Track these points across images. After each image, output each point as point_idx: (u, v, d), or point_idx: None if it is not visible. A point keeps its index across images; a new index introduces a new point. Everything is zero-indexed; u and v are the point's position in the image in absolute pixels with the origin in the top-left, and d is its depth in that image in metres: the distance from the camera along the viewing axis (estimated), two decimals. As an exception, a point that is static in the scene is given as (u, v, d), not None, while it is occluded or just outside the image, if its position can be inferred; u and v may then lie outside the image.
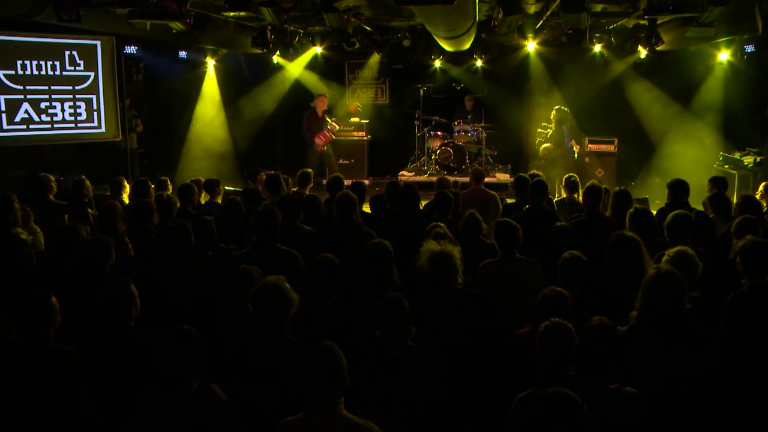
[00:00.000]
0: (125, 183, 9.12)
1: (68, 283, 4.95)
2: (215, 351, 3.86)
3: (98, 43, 10.55)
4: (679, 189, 7.43)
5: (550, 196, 8.52)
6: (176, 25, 8.77)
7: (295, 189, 9.15)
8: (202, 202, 8.92)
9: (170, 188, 9.18)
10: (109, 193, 9.02)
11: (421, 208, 7.84)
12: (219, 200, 8.99)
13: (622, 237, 5.21)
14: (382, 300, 3.94)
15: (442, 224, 5.92)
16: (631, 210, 6.36)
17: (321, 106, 13.61)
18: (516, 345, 4.28)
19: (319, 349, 3.28)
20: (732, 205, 7.56)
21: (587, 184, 6.50)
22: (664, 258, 4.67)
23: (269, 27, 9.89)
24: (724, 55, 12.73)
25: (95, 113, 10.81)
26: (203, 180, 9.21)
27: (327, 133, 13.50)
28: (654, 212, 6.87)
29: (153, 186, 9.05)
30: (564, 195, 8.84)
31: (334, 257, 4.83)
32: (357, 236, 5.96)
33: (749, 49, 12.20)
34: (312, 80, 15.23)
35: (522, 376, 3.84)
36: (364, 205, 7.59)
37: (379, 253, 5.02)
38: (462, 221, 6.09)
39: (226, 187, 10.67)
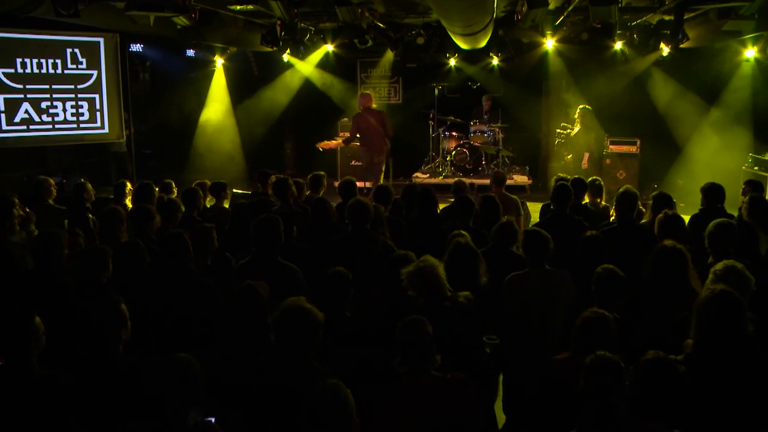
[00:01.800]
0: (129, 186, 8.74)
1: (57, 296, 4.55)
2: (215, 378, 3.44)
3: (101, 40, 10.17)
4: (714, 194, 6.96)
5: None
6: (180, 21, 8.38)
7: (307, 193, 8.75)
8: (208, 207, 8.54)
9: (175, 191, 8.78)
10: (112, 197, 8.65)
11: (440, 211, 7.46)
12: (226, 204, 8.60)
13: (667, 249, 4.76)
14: (402, 323, 3.52)
15: (464, 232, 5.49)
16: (660, 215, 5.92)
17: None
18: (551, 374, 3.81)
19: (321, 390, 2.85)
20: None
21: (621, 189, 6.03)
22: (710, 276, 4.20)
23: (279, 22, 9.46)
24: (750, 52, 12.25)
25: (98, 113, 10.44)
26: (209, 183, 8.79)
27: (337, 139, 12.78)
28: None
29: (157, 189, 8.72)
30: (587, 200, 8.35)
31: (347, 271, 4.41)
32: (372, 248, 5.51)
33: (776, 45, 11.71)
34: (323, 79, 14.83)
35: (560, 412, 3.40)
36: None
37: (404, 267, 4.59)
38: (496, 228, 5.66)
39: (235, 190, 10.33)
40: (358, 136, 11.67)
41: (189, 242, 4.81)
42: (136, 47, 11.68)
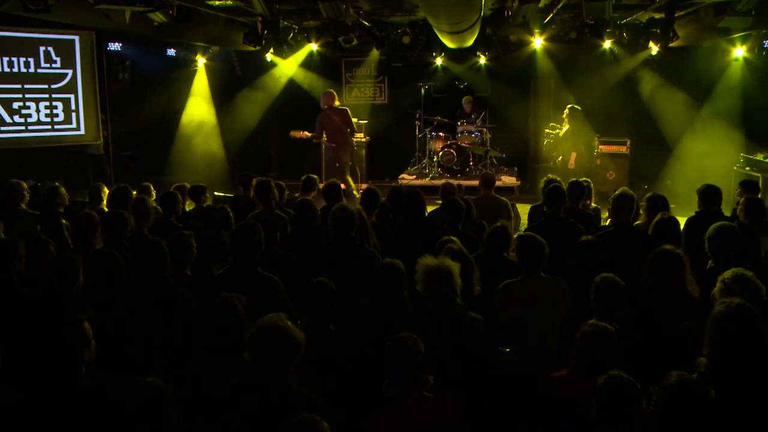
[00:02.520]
0: (105, 190, 8.42)
1: (12, 311, 4.26)
2: (188, 401, 3.17)
3: (76, 38, 9.81)
4: (710, 196, 6.73)
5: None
6: (157, 17, 8.05)
7: (296, 195, 8.48)
8: (188, 210, 8.25)
9: (154, 194, 8.47)
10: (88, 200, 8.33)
11: (428, 214, 7.21)
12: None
13: (665, 254, 4.53)
14: (392, 342, 3.26)
15: (454, 238, 5.24)
16: (657, 218, 5.71)
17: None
18: (549, 392, 3.56)
19: (296, 426, 2.59)
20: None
21: (618, 191, 5.79)
22: (718, 285, 3.97)
23: (260, 19, 9.15)
24: (739, 51, 12.13)
25: (73, 114, 10.08)
26: (189, 186, 8.48)
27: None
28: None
29: (135, 192, 8.42)
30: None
31: (329, 281, 4.14)
32: (356, 257, 5.25)
33: (768, 44, 11.57)
34: (307, 79, 14.55)
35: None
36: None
37: (391, 276, 4.35)
38: (489, 233, 5.42)
39: (216, 193, 10.05)
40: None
41: (166, 251, 4.51)
42: (115, 46, 11.35)
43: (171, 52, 13.22)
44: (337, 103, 11.54)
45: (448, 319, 4.01)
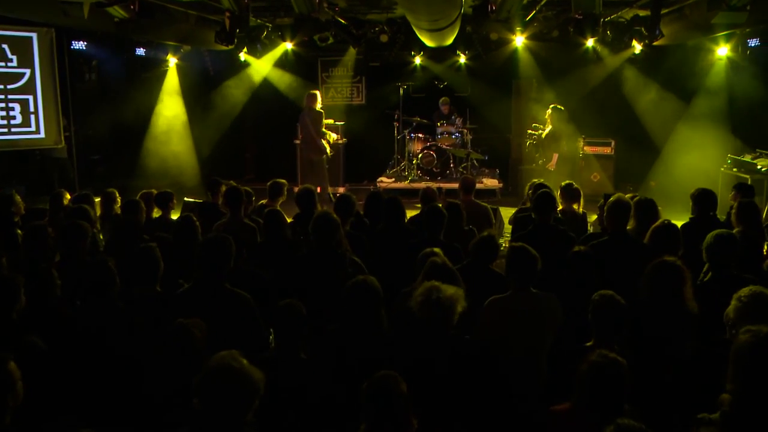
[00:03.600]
0: (67, 196, 7.94)
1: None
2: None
3: (34, 35, 9.24)
4: (705, 201, 6.39)
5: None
6: (118, 12, 7.58)
7: (263, 202, 8.05)
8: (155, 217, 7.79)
9: (119, 201, 8.00)
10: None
11: (408, 221, 6.81)
12: (174, 216, 7.86)
13: (665, 266, 4.18)
14: (370, 382, 2.84)
15: (437, 250, 4.84)
16: (656, 224, 5.35)
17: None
18: (549, 429, 3.16)
19: None
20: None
21: (612, 199, 5.40)
22: (734, 303, 3.60)
23: (228, 14, 8.69)
24: (723, 50, 11.88)
25: (32, 116, 9.53)
26: (155, 192, 8.01)
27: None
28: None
29: (98, 200, 7.94)
30: (560, 206, 7.70)
31: (298, 303, 3.73)
32: (340, 270, 4.85)
33: (753, 43, 11.31)
34: (283, 79, 14.12)
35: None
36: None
37: (364, 296, 3.94)
38: (475, 243, 5.05)
39: (187, 199, 9.61)
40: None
41: (114, 271, 4.05)
42: (79, 45, 10.82)
43: (140, 51, 12.73)
44: (316, 105, 11.55)
45: (445, 352, 3.62)
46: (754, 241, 5.64)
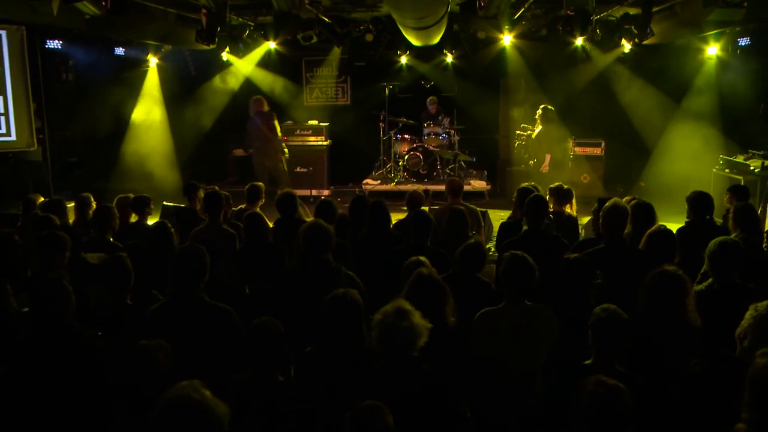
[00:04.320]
0: (40, 200, 7.63)
1: None
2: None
3: (3, 33, 8.83)
4: (702, 204, 6.19)
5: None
6: (88, 9, 7.24)
7: (242, 206, 7.78)
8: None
9: (94, 206, 7.69)
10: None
11: (393, 226, 6.55)
12: (150, 221, 7.55)
13: (665, 276, 3.94)
14: (352, 415, 2.57)
15: (424, 259, 4.59)
16: (651, 230, 5.10)
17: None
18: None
19: None
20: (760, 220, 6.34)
21: (608, 204, 5.14)
22: (750, 317, 3.34)
23: (204, 11, 8.37)
24: (713, 49, 11.70)
25: (2, 118, 9.15)
26: (132, 197, 7.70)
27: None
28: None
29: (72, 204, 7.63)
30: (551, 207, 7.42)
31: (275, 321, 3.45)
32: (335, 285, 4.57)
33: (743, 42, 11.11)
34: (266, 79, 13.83)
35: None
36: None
37: (344, 312, 3.68)
38: (462, 250, 4.78)
39: (166, 203, 9.30)
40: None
41: (68, 289, 3.72)
42: (54, 44, 10.45)
43: (120, 51, 12.36)
44: (264, 107, 11.55)
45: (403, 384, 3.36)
46: (754, 246, 5.40)
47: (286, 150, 11.75)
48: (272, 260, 5.50)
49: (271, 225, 7.02)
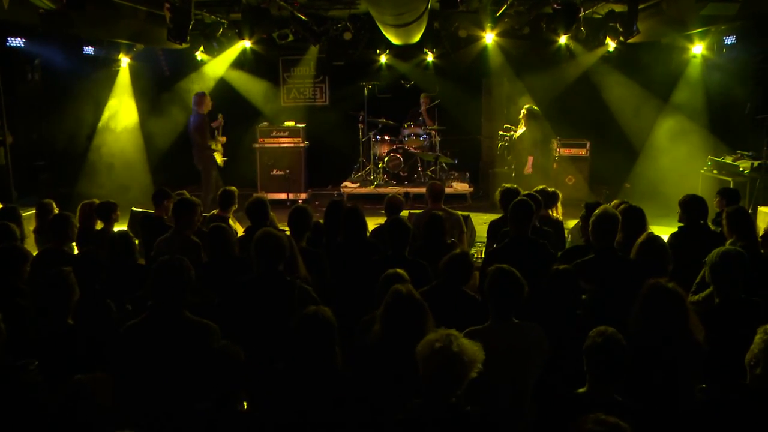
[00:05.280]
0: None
1: None
2: None
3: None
4: (695, 208, 5.89)
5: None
6: (43, 3, 6.80)
7: (215, 212, 7.40)
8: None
9: (56, 212, 7.27)
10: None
11: (370, 233, 6.22)
12: (116, 229, 7.18)
13: (660, 293, 3.62)
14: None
15: (402, 272, 4.23)
16: (642, 239, 4.77)
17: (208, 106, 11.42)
18: None
19: None
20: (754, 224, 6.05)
21: (598, 211, 4.80)
22: (759, 341, 3.01)
23: (168, 6, 7.94)
24: (698, 48, 11.47)
25: (-42, 120, 8.68)
26: (97, 203, 7.29)
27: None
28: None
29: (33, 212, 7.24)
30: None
31: (234, 348, 3.10)
32: (287, 298, 4.23)
33: (729, 40, 10.88)
34: (241, 79, 13.47)
35: None
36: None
37: (315, 331, 3.36)
38: (446, 262, 4.45)
39: (135, 209, 8.91)
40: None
41: None
42: (16, 42, 9.97)
43: (89, 50, 11.90)
44: (202, 108, 10.93)
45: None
46: (754, 254, 5.09)
47: (218, 156, 11.12)
48: (238, 274, 5.12)
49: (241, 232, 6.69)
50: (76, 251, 6.30)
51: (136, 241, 7.57)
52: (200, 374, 3.10)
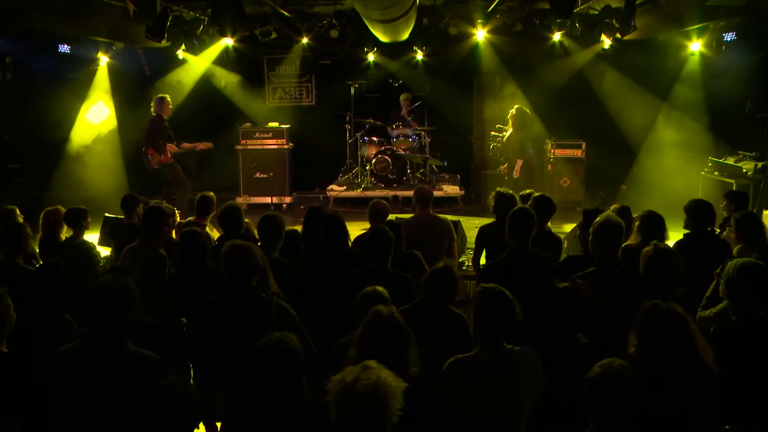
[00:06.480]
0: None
1: None
2: None
3: None
4: (702, 215, 5.44)
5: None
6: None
7: (191, 218, 6.97)
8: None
9: (20, 219, 6.81)
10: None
11: (353, 241, 5.79)
12: (85, 236, 6.74)
13: (659, 313, 3.22)
14: None
15: (382, 290, 3.80)
16: (648, 249, 4.29)
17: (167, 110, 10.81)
18: None
19: None
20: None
21: (600, 219, 4.34)
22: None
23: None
24: (696, 45, 11.14)
25: None
26: (64, 210, 6.84)
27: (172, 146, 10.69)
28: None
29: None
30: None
31: (184, 383, 2.67)
32: (260, 315, 3.81)
33: (729, 37, 10.53)
34: (225, 78, 13.11)
35: None
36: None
37: (278, 362, 2.96)
38: (429, 277, 4.06)
39: (107, 215, 8.47)
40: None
41: None
42: (-16, 39, 9.56)
43: (64, 48, 11.46)
44: (162, 110, 10.50)
45: None
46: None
47: (155, 158, 10.53)
48: (210, 287, 4.65)
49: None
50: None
51: (109, 249, 7.20)
52: (141, 416, 2.66)
